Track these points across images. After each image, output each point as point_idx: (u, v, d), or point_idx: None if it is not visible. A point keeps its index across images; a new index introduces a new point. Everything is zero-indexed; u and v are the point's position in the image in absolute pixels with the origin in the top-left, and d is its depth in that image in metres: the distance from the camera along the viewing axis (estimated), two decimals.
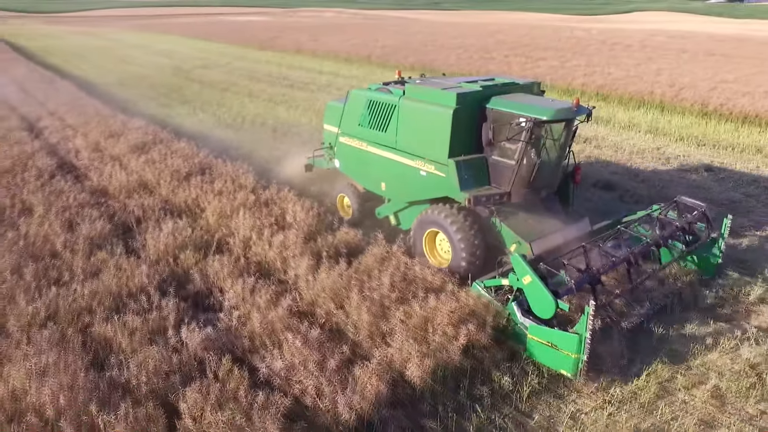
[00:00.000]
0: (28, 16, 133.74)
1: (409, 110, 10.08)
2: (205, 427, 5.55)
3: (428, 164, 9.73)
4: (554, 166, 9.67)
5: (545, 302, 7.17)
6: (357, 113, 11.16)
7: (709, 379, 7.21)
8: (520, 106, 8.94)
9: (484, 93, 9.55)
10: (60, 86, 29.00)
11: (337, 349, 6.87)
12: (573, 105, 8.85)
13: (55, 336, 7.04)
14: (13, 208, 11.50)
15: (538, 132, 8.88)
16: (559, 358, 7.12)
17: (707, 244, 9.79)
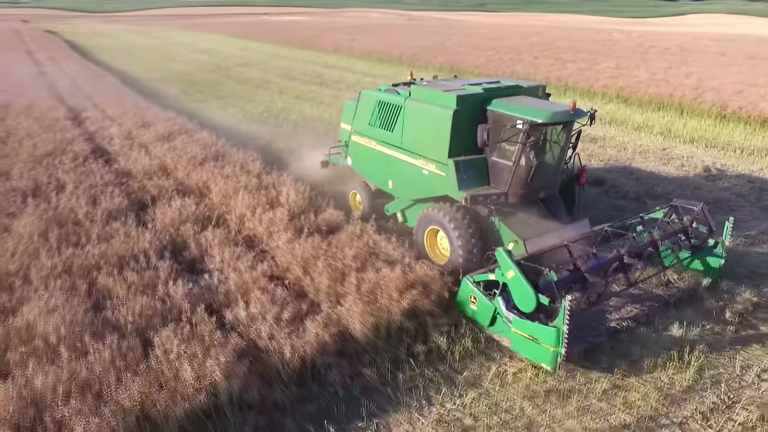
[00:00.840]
0: (90, 15, 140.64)
1: (413, 111, 10.42)
2: (171, 356, 6.73)
3: (430, 163, 10.05)
4: (553, 168, 9.87)
5: (526, 296, 7.39)
6: (368, 113, 11.59)
7: (636, 356, 7.95)
8: (518, 109, 9.13)
9: (485, 95, 9.79)
10: (107, 81, 31.22)
11: (296, 305, 7.98)
12: (570, 108, 8.97)
13: (66, 284, 8.42)
14: (49, 185, 13.09)
15: (535, 134, 9.06)
16: (540, 352, 7.30)
17: (708, 246, 9.72)
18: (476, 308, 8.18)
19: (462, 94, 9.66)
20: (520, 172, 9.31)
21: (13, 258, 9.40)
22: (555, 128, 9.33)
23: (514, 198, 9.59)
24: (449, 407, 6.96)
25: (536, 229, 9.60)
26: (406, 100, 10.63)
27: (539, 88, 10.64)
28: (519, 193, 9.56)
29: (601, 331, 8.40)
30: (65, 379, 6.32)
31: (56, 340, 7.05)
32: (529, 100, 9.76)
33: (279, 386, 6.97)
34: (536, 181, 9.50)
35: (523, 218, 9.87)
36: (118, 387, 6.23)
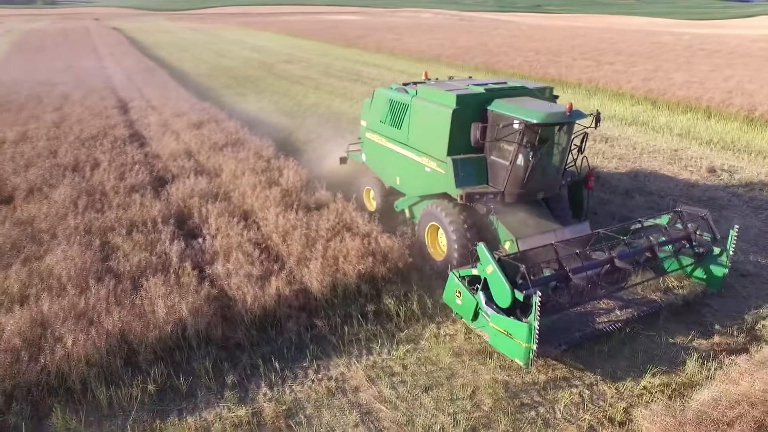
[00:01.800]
0: (156, 13, 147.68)
1: (418, 109, 10.65)
2: (154, 296, 8.11)
3: (432, 161, 10.26)
4: (553, 169, 9.87)
5: (503, 291, 7.47)
6: (380, 110, 11.92)
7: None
8: (515, 109, 9.19)
9: (487, 95, 9.90)
10: (158, 75, 33.61)
11: (268, 265, 9.24)
12: (566, 109, 8.90)
13: (83, 240, 9.99)
14: (87, 163, 14.89)
15: (531, 134, 9.05)
16: (513, 347, 7.35)
17: (712, 255, 9.51)
18: (461, 303, 8.31)
19: (462, 94, 9.84)
20: (516, 172, 9.38)
21: (46, 218, 11.09)
22: (554, 129, 9.26)
23: (510, 198, 9.65)
24: (384, 357, 8.04)
25: (534, 229, 9.63)
26: (412, 99, 10.88)
27: (546, 90, 10.62)
28: (516, 193, 9.60)
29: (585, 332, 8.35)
30: (67, 308, 7.79)
31: (66, 280, 8.58)
32: (529, 101, 9.76)
33: (241, 329, 8.24)
34: (534, 181, 9.52)
35: (523, 218, 9.91)
36: (107, 316, 7.65)
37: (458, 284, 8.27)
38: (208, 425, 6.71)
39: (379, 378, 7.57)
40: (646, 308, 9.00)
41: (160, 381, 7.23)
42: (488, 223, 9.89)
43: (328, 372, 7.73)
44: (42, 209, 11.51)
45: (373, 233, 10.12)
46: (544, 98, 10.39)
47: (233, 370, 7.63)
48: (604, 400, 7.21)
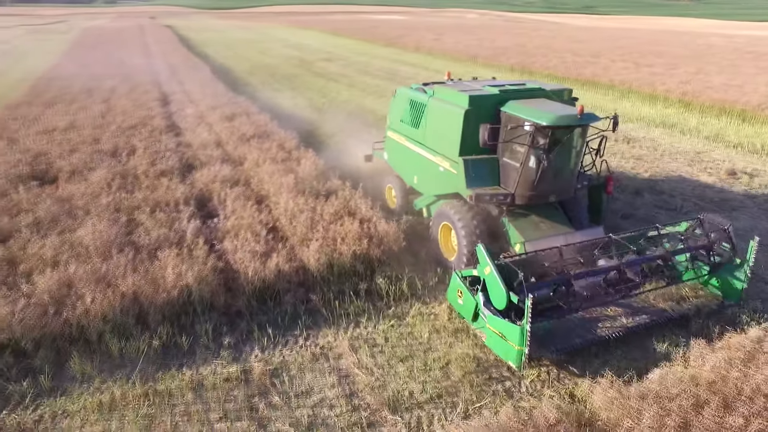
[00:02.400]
0: (207, 12, 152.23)
1: (433, 109, 10.75)
2: (168, 263, 9.04)
3: (445, 161, 10.30)
4: (566, 173, 9.66)
5: (499, 293, 7.52)
6: (400, 110, 12.08)
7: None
8: (527, 111, 9.10)
9: (501, 96, 9.83)
10: (201, 71, 35.15)
11: (272, 244, 10.06)
12: (577, 112, 8.76)
13: (112, 216, 11.05)
14: (124, 149, 16.11)
15: (541, 136, 8.96)
16: (507, 350, 7.36)
17: (731, 266, 9.13)
18: (462, 303, 8.36)
19: (475, 95, 9.83)
20: (527, 174, 9.29)
21: (82, 197, 12.25)
22: (566, 132, 9.07)
23: (521, 200, 9.55)
24: (369, 330, 8.71)
25: (544, 232, 9.57)
26: (428, 99, 10.97)
27: (564, 92, 10.45)
28: (527, 195, 9.50)
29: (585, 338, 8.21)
30: (90, 272, 8.79)
31: (93, 249, 9.62)
32: (542, 103, 9.61)
33: (242, 298, 9.07)
34: (545, 184, 9.39)
35: (535, 221, 9.84)
36: (123, 280, 8.61)
37: (460, 284, 8.32)
38: (203, 378, 7.54)
39: (361, 347, 8.25)
40: (655, 317, 8.71)
41: (165, 338, 8.12)
42: (500, 225, 9.90)
43: (316, 340, 8.46)
44: (80, 189, 12.69)
45: (373, 219, 10.80)
46: (562, 100, 10.22)
47: (231, 334, 8.46)
48: (569, 379, 7.65)
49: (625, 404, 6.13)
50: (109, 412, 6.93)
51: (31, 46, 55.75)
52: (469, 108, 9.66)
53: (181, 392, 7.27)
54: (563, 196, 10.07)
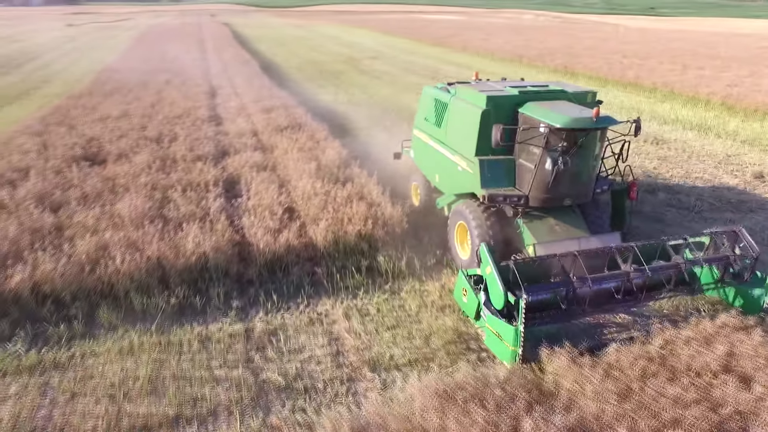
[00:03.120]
0: (266, 10, 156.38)
1: (454, 108, 10.80)
2: (191, 233, 10.12)
3: (462, 160, 10.33)
4: (583, 176, 9.53)
5: (497, 293, 7.60)
6: (425, 108, 12.23)
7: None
8: (543, 112, 9.05)
9: (520, 97, 9.81)
10: (250, 66, 36.81)
11: (286, 221, 11.01)
12: (593, 115, 8.66)
13: (148, 194, 12.29)
14: (167, 136, 17.51)
15: (556, 139, 8.93)
16: (502, 349, 7.48)
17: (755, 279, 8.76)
18: (466, 301, 8.46)
19: (493, 95, 9.85)
20: (541, 176, 9.27)
21: (125, 176, 13.58)
22: (582, 135, 8.95)
23: (535, 202, 9.55)
24: (364, 301, 9.51)
25: (558, 236, 9.54)
26: (451, 98, 11.02)
27: (587, 94, 10.30)
28: (540, 197, 9.49)
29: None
30: (122, 238, 9.98)
31: (128, 220, 10.84)
32: (561, 105, 9.53)
33: (254, 268, 10.06)
34: (560, 187, 9.34)
35: (551, 223, 9.81)
36: (149, 246, 9.74)
37: (465, 283, 8.38)
38: (211, 333, 8.54)
39: (354, 316, 9.07)
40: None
41: (181, 298, 9.18)
42: (515, 226, 9.93)
43: (315, 308, 9.34)
44: (124, 169, 14.04)
45: (381, 203, 11.60)
46: (585, 103, 10.03)
47: (240, 298, 9.45)
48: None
49: (576, 371, 6.69)
50: (127, 355, 8.02)
51: (98, 42, 59.36)
52: (487, 108, 9.71)
53: (190, 343, 8.29)
54: (580, 200, 9.97)
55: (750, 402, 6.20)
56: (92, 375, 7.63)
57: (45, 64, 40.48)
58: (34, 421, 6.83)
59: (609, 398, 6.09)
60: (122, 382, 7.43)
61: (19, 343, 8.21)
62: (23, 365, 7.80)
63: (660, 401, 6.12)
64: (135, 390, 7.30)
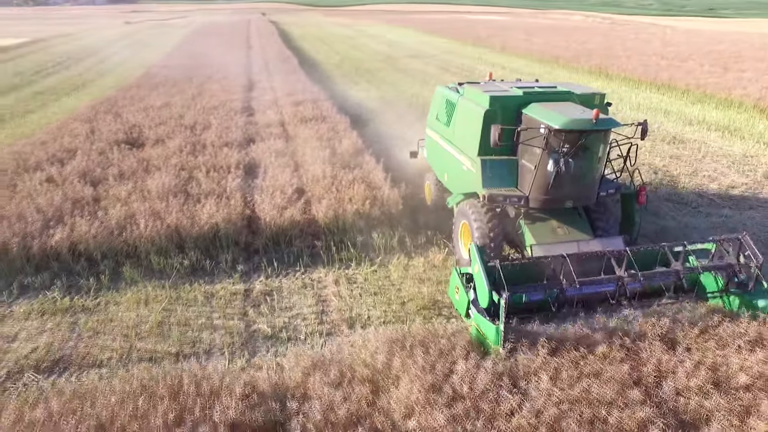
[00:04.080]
0: (316, 9, 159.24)
1: (461, 108, 10.91)
2: (206, 206, 11.41)
3: (467, 160, 10.41)
4: (585, 179, 9.42)
5: (482, 291, 7.60)
6: (436, 108, 12.42)
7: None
8: (543, 113, 9.06)
9: (523, 98, 9.83)
10: (290, 63, 38.33)
11: (293, 199, 12.18)
12: (592, 116, 8.59)
13: (176, 173, 13.70)
14: (201, 125, 19.03)
15: (555, 140, 8.89)
16: (485, 347, 7.49)
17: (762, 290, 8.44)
18: (458, 298, 8.49)
19: (496, 95, 9.90)
20: (541, 178, 9.25)
21: (158, 158, 15.08)
22: (583, 136, 8.85)
23: (535, 203, 9.54)
24: (353, 271, 10.58)
25: (559, 238, 9.50)
26: (458, 98, 11.15)
27: (595, 96, 10.20)
28: (540, 198, 9.46)
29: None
30: (147, 209, 11.37)
31: (155, 194, 12.25)
32: (564, 106, 9.43)
33: (261, 240, 11.27)
34: (560, 189, 9.29)
35: (553, 225, 9.80)
36: (169, 215, 11.08)
37: (458, 280, 8.42)
38: (215, 291, 9.78)
39: (342, 282, 10.14)
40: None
41: (194, 261, 10.47)
42: (517, 227, 10.01)
43: (310, 275, 10.46)
44: (158, 152, 15.56)
45: (383, 187, 12.62)
46: (592, 105, 9.91)
47: (245, 264, 10.68)
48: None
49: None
50: (142, 304, 9.35)
51: (152, 39, 62.46)
52: (490, 108, 9.77)
53: (196, 298, 9.55)
54: (582, 203, 9.92)
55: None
56: (112, 319, 8.98)
57: (102, 60, 43.29)
58: (63, 350, 8.21)
59: (539, 352, 6.90)
60: (136, 325, 8.75)
61: (56, 291, 9.67)
62: (58, 308, 9.23)
63: (585, 359, 6.91)
64: (145, 331, 8.60)
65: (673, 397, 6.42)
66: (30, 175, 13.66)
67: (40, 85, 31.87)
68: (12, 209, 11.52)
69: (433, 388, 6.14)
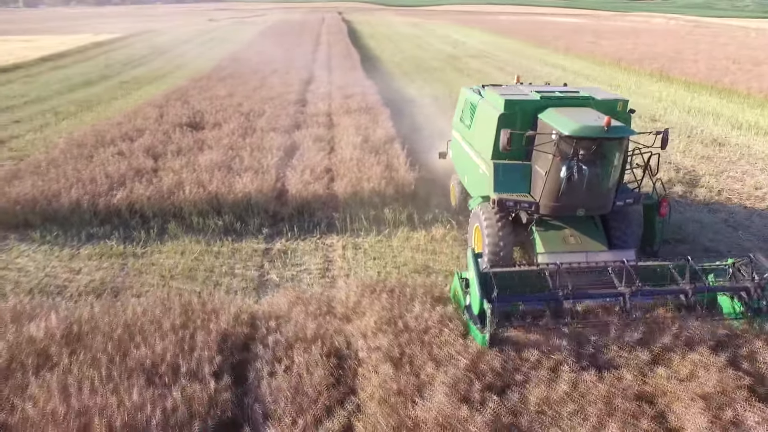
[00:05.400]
0: (390, 8, 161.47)
1: (480, 111, 10.94)
2: (243, 178, 13.19)
3: (483, 163, 10.40)
4: (599, 187, 9.17)
5: (475, 298, 7.52)
6: (461, 109, 12.60)
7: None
8: (556, 119, 8.98)
9: (541, 103, 9.78)
10: (352, 59, 40.16)
11: (320, 177, 13.78)
12: (604, 124, 8.41)
13: (224, 151, 15.64)
14: (255, 112, 21.02)
15: (566, 146, 8.78)
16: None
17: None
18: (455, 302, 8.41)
19: (511, 99, 9.86)
20: (551, 184, 9.11)
21: (212, 139, 17.11)
22: (596, 144, 8.67)
23: (546, 210, 9.41)
24: (360, 240, 12.00)
25: (569, 247, 9.33)
26: (479, 101, 11.19)
27: (618, 103, 9.98)
28: (550, 205, 9.32)
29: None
30: (194, 178, 13.31)
31: (203, 168, 14.19)
32: (578, 112, 9.27)
33: (287, 210, 12.92)
34: (571, 196, 9.09)
35: (565, 234, 9.63)
36: (210, 184, 12.94)
37: (457, 284, 8.35)
38: (241, 248, 11.51)
39: (349, 248, 11.60)
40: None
41: (227, 223, 12.24)
42: (528, 233, 9.90)
43: (324, 241, 11.99)
44: (213, 134, 17.63)
45: (399, 170, 13.98)
46: (614, 112, 9.72)
47: (270, 228, 12.36)
48: None
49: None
50: (180, 254, 11.19)
51: (230, 35, 66.46)
52: (505, 112, 9.76)
53: (223, 252, 11.31)
54: (596, 212, 9.69)
55: None
56: (153, 263, 10.89)
57: (181, 53, 46.99)
58: (113, 282, 10.16)
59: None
60: (171, 269, 10.60)
61: (114, 240, 11.71)
62: (113, 252, 11.25)
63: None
64: (178, 274, 10.43)
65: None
66: (105, 149, 16.01)
67: (127, 76, 35.40)
68: (87, 174, 13.75)
69: (387, 322, 7.45)
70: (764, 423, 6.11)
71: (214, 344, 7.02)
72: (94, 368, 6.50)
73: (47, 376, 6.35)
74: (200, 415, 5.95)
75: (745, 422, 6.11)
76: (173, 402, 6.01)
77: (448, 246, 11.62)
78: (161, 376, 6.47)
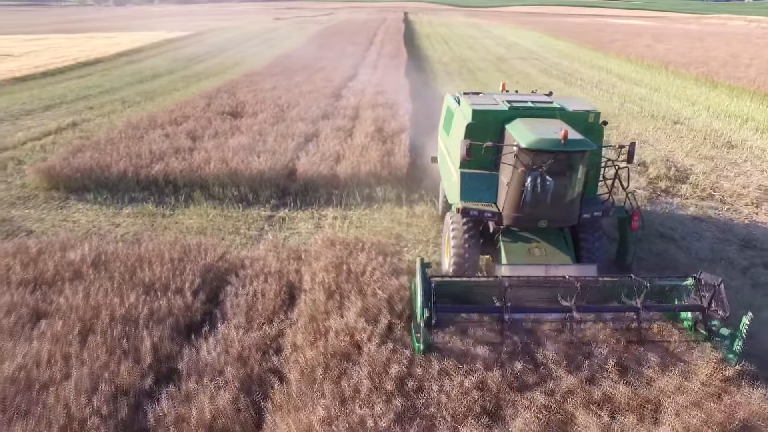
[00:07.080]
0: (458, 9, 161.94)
1: (456, 118, 11.13)
2: (260, 157, 15.46)
3: (455, 171, 10.47)
4: (562, 199, 9.12)
5: (416, 307, 7.67)
6: (443, 116, 12.92)
7: None
8: (519, 131, 9.04)
9: (508, 113, 9.86)
10: (399, 59, 41.97)
11: (328, 161, 15.84)
12: (561, 137, 8.44)
13: (253, 135, 18.00)
14: (290, 104, 23.37)
15: (525, 158, 8.79)
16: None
17: (723, 336, 7.91)
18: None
19: (479, 109, 9.98)
20: (512, 195, 9.19)
21: (245, 125, 19.55)
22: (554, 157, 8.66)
23: (508, 220, 9.45)
24: (350, 213, 13.97)
25: (532, 260, 9.31)
26: (455, 108, 11.35)
27: (588, 115, 9.97)
28: (512, 216, 9.36)
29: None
30: (220, 156, 15.67)
31: (231, 148, 16.56)
32: (543, 124, 9.33)
33: (295, 186, 15.08)
34: (533, 207, 9.10)
35: (530, 246, 9.54)
36: (232, 161, 15.27)
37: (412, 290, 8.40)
38: (249, 213, 13.78)
39: (338, 218, 13.61)
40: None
41: (242, 193, 14.55)
42: (495, 242, 9.93)
43: (319, 212, 14.07)
44: (247, 121, 20.09)
45: (397, 155, 15.85)
46: (585, 124, 9.80)
47: (277, 200, 14.58)
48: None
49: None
50: (198, 216, 13.57)
51: (291, 33, 69.92)
52: (472, 122, 9.91)
53: (233, 216, 13.61)
54: (559, 224, 9.64)
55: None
56: (176, 222, 13.32)
57: (243, 50, 50.49)
58: (143, 234, 12.61)
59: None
60: (189, 228, 12.96)
61: (149, 204, 14.24)
62: (147, 212, 13.80)
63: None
64: (193, 230, 12.77)
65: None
66: (153, 131, 18.76)
67: (190, 70, 38.90)
68: (134, 150, 16.43)
69: (334, 266, 9.39)
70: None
71: (198, 273, 9.21)
72: (109, 282, 8.84)
73: (76, 284, 8.74)
74: (175, 315, 8.13)
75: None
76: (158, 305, 8.25)
77: (424, 222, 13.39)
78: (155, 290, 8.73)
